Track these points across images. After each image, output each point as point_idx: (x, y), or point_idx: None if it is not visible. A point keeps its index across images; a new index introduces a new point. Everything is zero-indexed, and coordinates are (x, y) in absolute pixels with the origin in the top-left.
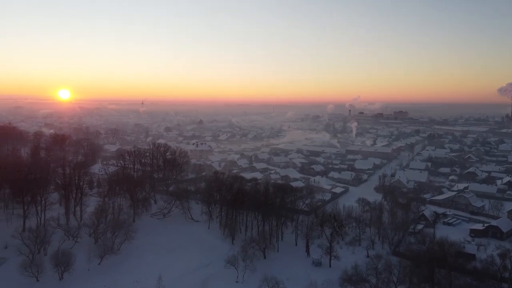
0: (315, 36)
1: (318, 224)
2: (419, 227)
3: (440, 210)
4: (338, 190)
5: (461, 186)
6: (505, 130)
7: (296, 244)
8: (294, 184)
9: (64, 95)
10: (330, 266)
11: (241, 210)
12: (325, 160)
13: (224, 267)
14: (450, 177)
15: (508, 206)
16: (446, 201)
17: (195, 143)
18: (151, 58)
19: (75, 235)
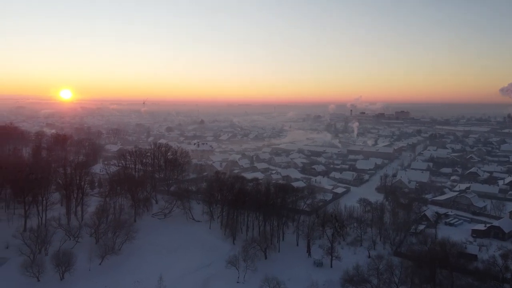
0: (316, 36)
1: (319, 224)
2: (421, 227)
3: (442, 210)
4: (340, 190)
5: (463, 186)
6: (507, 130)
7: (297, 245)
8: (295, 184)
9: (65, 95)
10: (331, 266)
11: (242, 210)
12: (326, 160)
13: (225, 267)
14: (452, 177)
15: (510, 206)
16: (448, 202)
17: (196, 143)
18: (152, 58)
19: (76, 235)
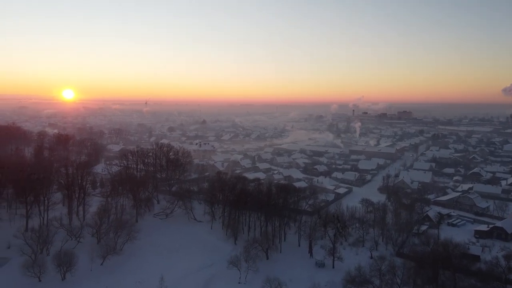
0: (318, 36)
1: (321, 224)
2: (423, 228)
3: (445, 211)
4: (342, 190)
5: (466, 186)
6: (509, 130)
7: (299, 245)
8: (297, 184)
9: (68, 95)
10: (333, 267)
11: (244, 211)
12: (328, 161)
13: (227, 267)
14: (455, 178)
15: None
16: (451, 202)
17: (198, 143)
18: (154, 58)
19: (77, 235)
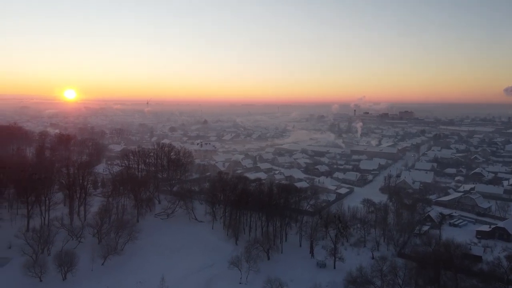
0: (320, 36)
1: (322, 225)
2: (425, 228)
3: (446, 211)
4: (343, 190)
5: (467, 187)
6: (511, 131)
7: (300, 245)
8: (299, 184)
9: (70, 95)
10: (334, 267)
11: (245, 211)
12: (329, 161)
13: (228, 268)
14: (456, 178)
15: None
16: (452, 202)
17: (199, 143)
18: (156, 58)
19: (78, 235)
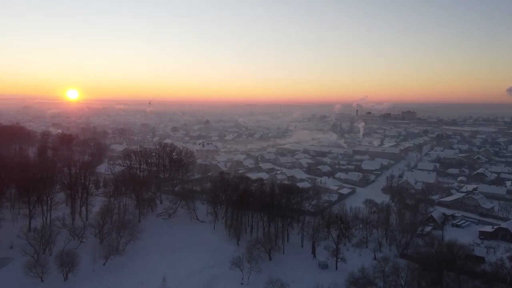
0: (322, 36)
1: (324, 225)
2: (427, 229)
3: (449, 211)
4: (345, 191)
5: (470, 187)
6: None
7: (302, 246)
8: (301, 184)
9: (72, 95)
10: (336, 268)
11: (246, 211)
12: (332, 161)
13: (229, 268)
14: (459, 178)
15: None
16: (455, 203)
17: (201, 143)
18: (158, 58)
19: (80, 235)
